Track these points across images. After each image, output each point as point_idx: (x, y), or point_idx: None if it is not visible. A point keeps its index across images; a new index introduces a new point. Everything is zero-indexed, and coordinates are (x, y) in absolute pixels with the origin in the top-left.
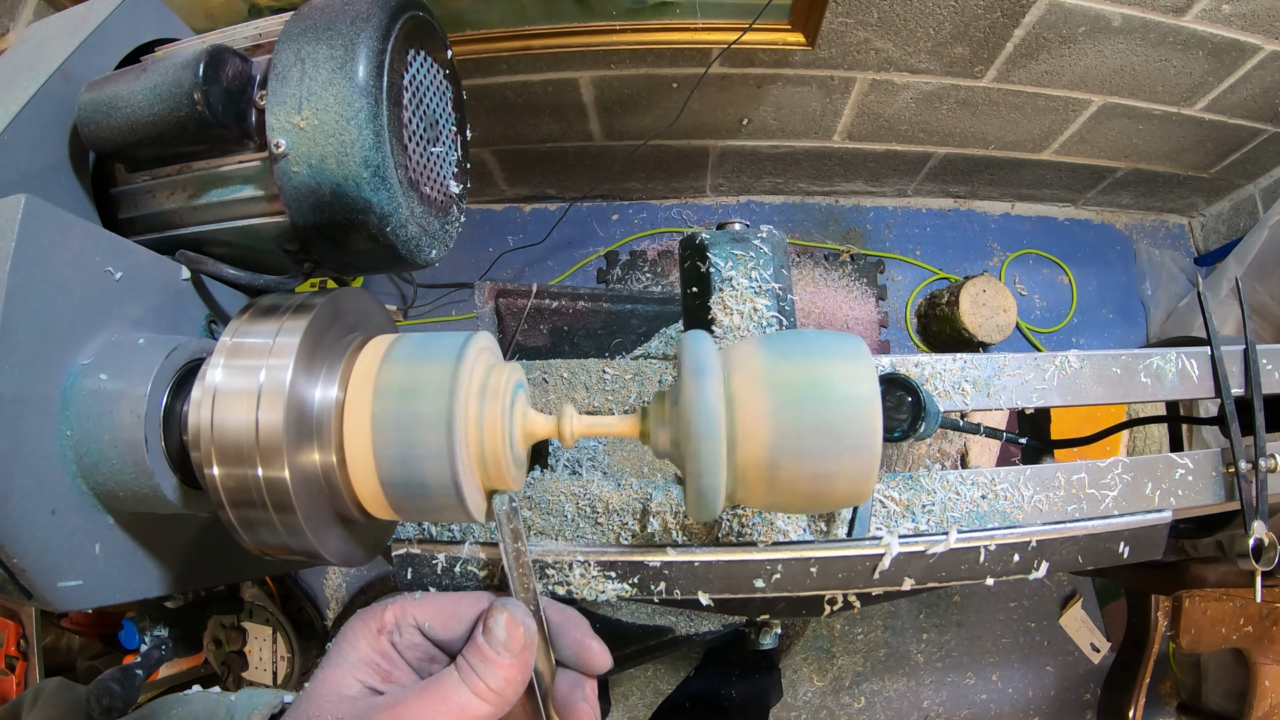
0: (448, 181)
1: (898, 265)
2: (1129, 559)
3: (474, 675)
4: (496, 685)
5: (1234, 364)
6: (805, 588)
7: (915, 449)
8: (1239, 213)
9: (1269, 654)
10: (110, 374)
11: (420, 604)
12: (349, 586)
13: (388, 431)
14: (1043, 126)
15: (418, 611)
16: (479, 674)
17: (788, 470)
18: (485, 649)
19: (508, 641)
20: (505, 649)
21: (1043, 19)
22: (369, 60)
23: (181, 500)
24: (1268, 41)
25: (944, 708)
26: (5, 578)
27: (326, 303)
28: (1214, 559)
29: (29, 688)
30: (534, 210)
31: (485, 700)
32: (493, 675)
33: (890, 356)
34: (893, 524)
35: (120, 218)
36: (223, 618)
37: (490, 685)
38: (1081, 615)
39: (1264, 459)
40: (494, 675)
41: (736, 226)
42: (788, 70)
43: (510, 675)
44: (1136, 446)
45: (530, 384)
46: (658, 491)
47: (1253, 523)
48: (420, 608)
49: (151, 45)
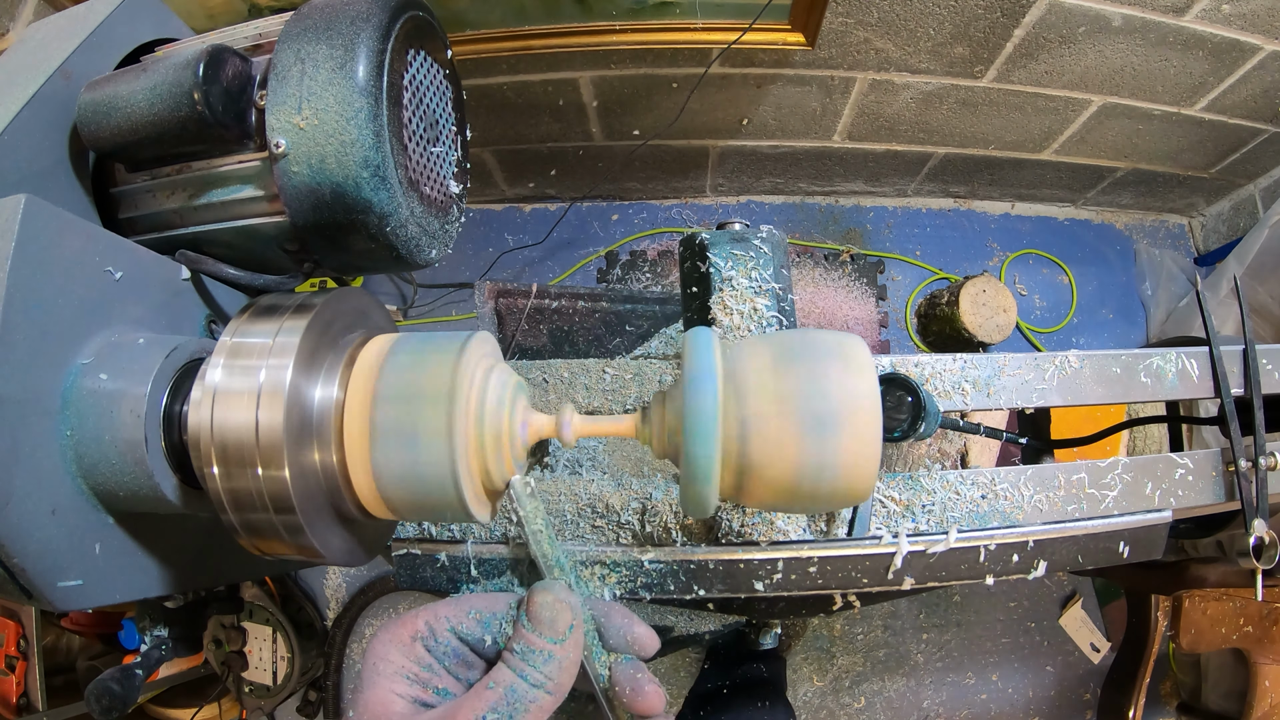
0: (448, 181)
1: (898, 265)
2: (1129, 559)
3: (525, 664)
4: (551, 671)
5: (1234, 364)
6: (805, 587)
7: (915, 449)
8: (1239, 213)
9: (1269, 654)
10: (110, 374)
11: (451, 604)
12: (349, 586)
13: (388, 432)
14: (1043, 126)
15: (449, 612)
16: (530, 662)
17: (787, 469)
18: (531, 635)
19: (554, 623)
20: (552, 631)
21: (1043, 19)
22: (369, 60)
23: (181, 500)
24: (1268, 41)
25: (944, 708)
26: (5, 578)
27: (326, 303)
28: (1214, 559)
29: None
30: (534, 210)
31: (543, 689)
32: (545, 661)
33: (890, 356)
34: (894, 524)
35: (120, 218)
36: (223, 618)
37: (545, 672)
38: (1081, 615)
39: (1264, 457)
40: (547, 661)
41: (736, 226)
42: (788, 70)
43: (563, 658)
44: (1136, 446)
45: (530, 384)
46: (658, 491)
47: (1253, 521)
48: (451, 608)
49: (151, 45)
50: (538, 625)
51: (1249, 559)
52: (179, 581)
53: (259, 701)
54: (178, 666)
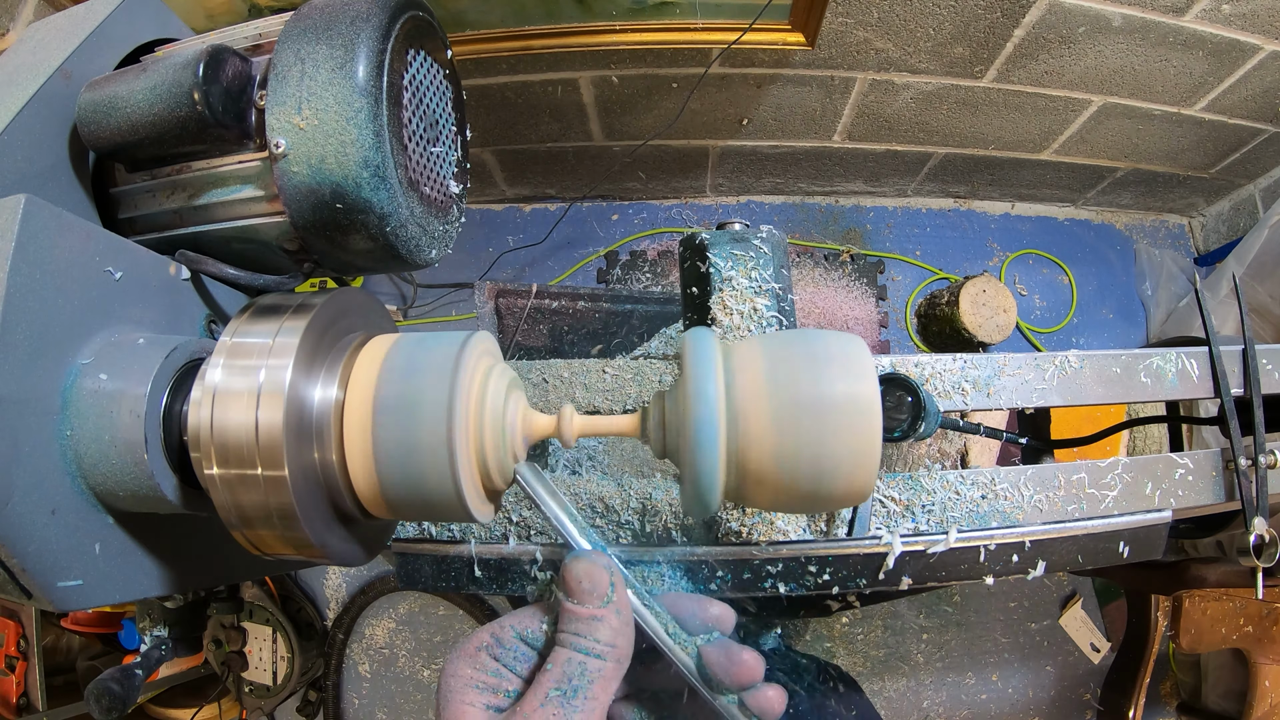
0: (448, 181)
1: (898, 265)
2: (1129, 559)
3: (577, 637)
4: (605, 636)
5: (1233, 364)
6: (804, 587)
7: (915, 449)
8: (1239, 213)
9: (1269, 654)
10: (110, 374)
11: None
12: (349, 586)
13: (388, 433)
14: (1043, 126)
15: (513, 621)
16: (580, 632)
17: (787, 469)
18: (574, 606)
19: (593, 589)
20: (593, 596)
21: (1043, 19)
22: (369, 60)
23: (181, 500)
24: (1268, 41)
25: (944, 708)
26: (5, 578)
27: (326, 303)
28: (1214, 559)
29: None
30: (534, 210)
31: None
32: (593, 628)
33: (890, 356)
34: (893, 524)
35: (120, 218)
36: (223, 618)
37: (598, 637)
38: (1081, 615)
39: (1263, 455)
40: (595, 628)
41: (736, 226)
42: (788, 70)
43: (613, 622)
44: (1136, 446)
45: (530, 384)
46: (658, 491)
47: (1253, 519)
48: (515, 617)
49: (151, 45)
50: (577, 594)
51: (1249, 557)
52: (179, 581)
53: (259, 701)
54: (178, 666)
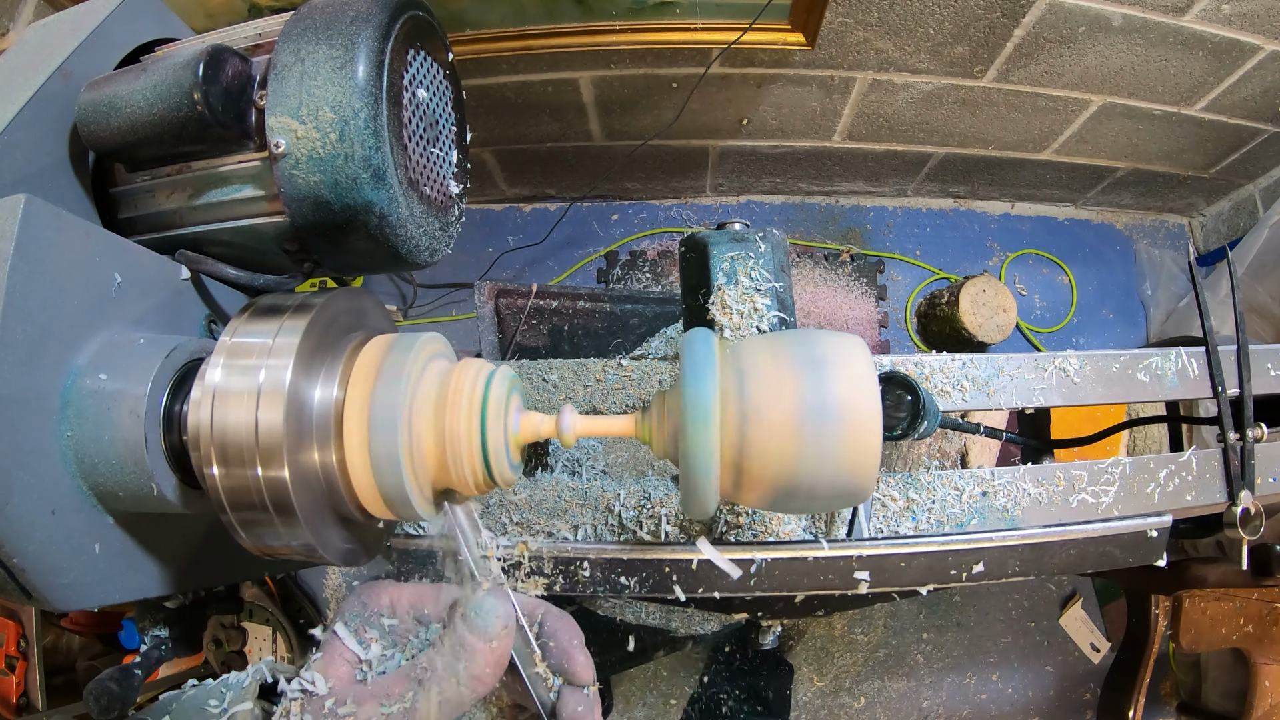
0: (448, 181)
1: (898, 265)
2: (1129, 563)
3: (454, 661)
4: (476, 671)
5: (1229, 358)
6: (804, 587)
7: (915, 449)
8: (1239, 213)
9: (1269, 654)
10: (110, 374)
11: (417, 590)
12: (349, 586)
13: (375, 433)
14: (1043, 126)
15: (413, 598)
16: (459, 659)
17: (786, 469)
18: (466, 635)
19: (487, 629)
20: (483, 635)
21: (1043, 19)
22: (369, 60)
23: (181, 500)
24: (1268, 41)
25: (944, 708)
26: (5, 578)
27: (326, 303)
28: (1214, 559)
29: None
30: (534, 210)
31: (465, 686)
32: (473, 660)
33: (890, 356)
34: (893, 523)
35: (120, 218)
36: (223, 618)
37: (471, 671)
38: (1081, 615)
39: (1250, 429)
40: (474, 660)
41: (736, 226)
42: (788, 70)
43: (490, 660)
44: (1136, 446)
45: (530, 384)
46: (657, 491)
47: (1240, 492)
48: (416, 593)
49: (151, 45)
50: (471, 627)
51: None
52: (179, 581)
53: None
54: (178, 666)
